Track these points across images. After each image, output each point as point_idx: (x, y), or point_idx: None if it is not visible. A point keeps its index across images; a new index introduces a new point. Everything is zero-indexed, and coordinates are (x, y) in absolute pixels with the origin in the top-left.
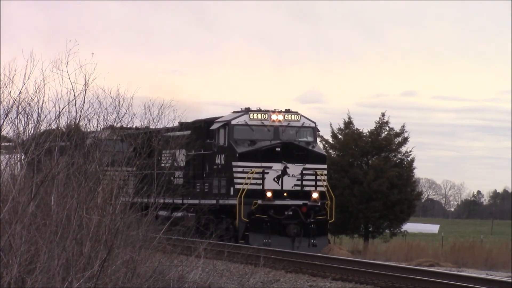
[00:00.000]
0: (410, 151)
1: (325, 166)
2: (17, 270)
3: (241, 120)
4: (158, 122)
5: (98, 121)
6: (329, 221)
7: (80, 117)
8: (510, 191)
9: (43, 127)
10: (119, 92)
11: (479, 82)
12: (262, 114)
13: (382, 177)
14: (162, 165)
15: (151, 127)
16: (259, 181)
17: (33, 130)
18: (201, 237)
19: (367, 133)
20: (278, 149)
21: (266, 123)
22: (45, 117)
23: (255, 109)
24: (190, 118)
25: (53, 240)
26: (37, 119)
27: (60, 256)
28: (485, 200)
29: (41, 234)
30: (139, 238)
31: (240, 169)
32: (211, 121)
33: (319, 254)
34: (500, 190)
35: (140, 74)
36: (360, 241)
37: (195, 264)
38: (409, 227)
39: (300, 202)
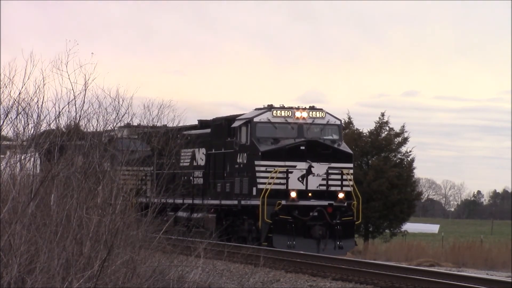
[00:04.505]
0: (410, 151)
1: (351, 165)
2: (17, 270)
3: (263, 117)
4: (157, 121)
5: (97, 121)
6: (356, 222)
7: (80, 117)
8: (510, 191)
9: (43, 127)
10: (119, 92)
11: (480, 82)
12: (286, 111)
13: (382, 177)
14: (181, 164)
15: (169, 125)
16: (283, 181)
17: (33, 130)
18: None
19: (367, 133)
20: (302, 148)
21: (289, 120)
22: (45, 117)
23: (279, 106)
24: (189, 118)
25: (53, 240)
26: (37, 119)
27: (60, 256)
28: (485, 200)
29: (41, 234)
30: (139, 238)
31: (263, 168)
32: (232, 118)
33: (319, 254)
34: (500, 190)
35: (141, 74)
36: (360, 241)
37: (195, 264)
38: (409, 227)
39: (325, 203)
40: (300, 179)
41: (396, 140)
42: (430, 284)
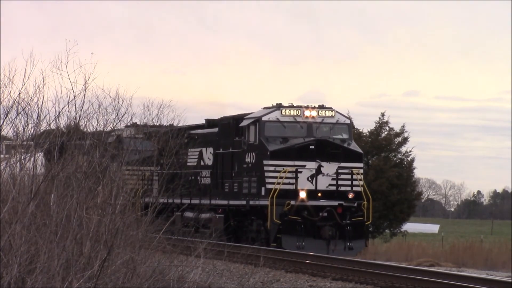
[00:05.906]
0: (410, 151)
1: (361, 165)
2: (17, 270)
3: (272, 116)
4: (159, 121)
5: (97, 121)
6: (367, 223)
7: (79, 117)
8: (510, 191)
9: (43, 127)
10: (119, 92)
11: (480, 82)
12: (295, 110)
13: (382, 177)
14: (188, 164)
15: (175, 124)
16: (292, 181)
17: (33, 130)
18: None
19: (367, 133)
20: (312, 147)
21: (299, 119)
22: (45, 117)
23: (287, 104)
24: (189, 118)
25: (53, 240)
26: (37, 119)
27: (60, 256)
28: (485, 200)
29: (41, 234)
30: (139, 238)
31: (271, 168)
32: (240, 117)
33: (319, 254)
34: (500, 190)
35: (141, 74)
36: None
37: (195, 264)
38: (409, 227)
39: (335, 203)
40: (310, 179)
41: (396, 140)
42: (430, 284)
